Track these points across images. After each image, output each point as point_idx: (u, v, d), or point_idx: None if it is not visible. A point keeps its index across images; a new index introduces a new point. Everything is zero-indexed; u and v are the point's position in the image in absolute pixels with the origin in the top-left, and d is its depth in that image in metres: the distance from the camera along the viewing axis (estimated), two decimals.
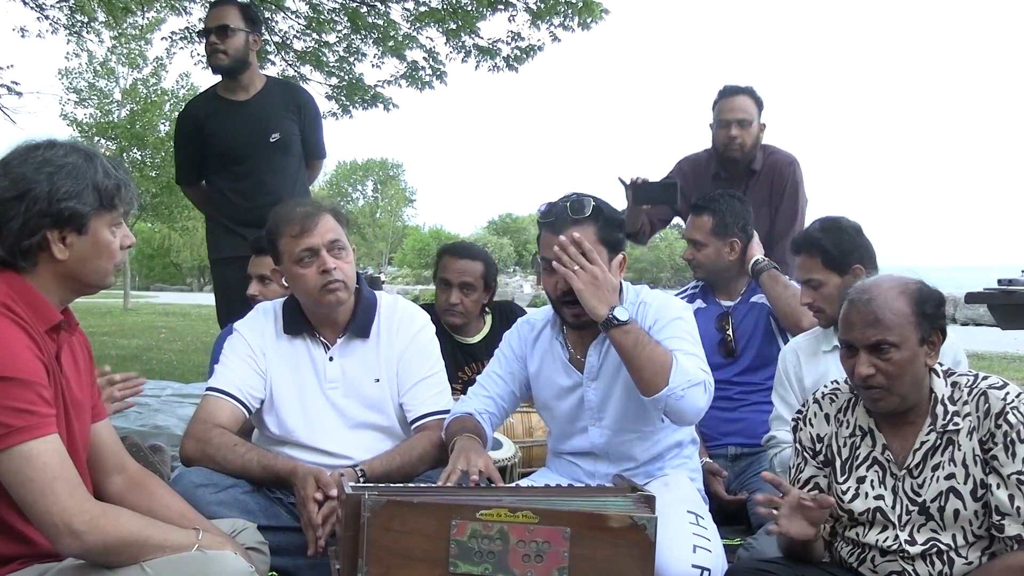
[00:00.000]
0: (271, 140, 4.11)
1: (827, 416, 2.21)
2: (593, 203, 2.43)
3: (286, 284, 2.59)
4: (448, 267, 3.60)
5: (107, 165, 1.86)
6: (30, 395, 1.70)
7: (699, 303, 3.53)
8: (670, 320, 2.45)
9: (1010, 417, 1.99)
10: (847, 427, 2.18)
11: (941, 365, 2.14)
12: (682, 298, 3.46)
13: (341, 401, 2.59)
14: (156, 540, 1.78)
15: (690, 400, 2.27)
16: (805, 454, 2.22)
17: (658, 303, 2.51)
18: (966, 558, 2.03)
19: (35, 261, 1.81)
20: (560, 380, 2.59)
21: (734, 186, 3.81)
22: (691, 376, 2.27)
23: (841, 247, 2.81)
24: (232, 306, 3.84)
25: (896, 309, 2.03)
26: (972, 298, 4.06)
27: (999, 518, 1.99)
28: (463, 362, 3.62)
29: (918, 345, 2.03)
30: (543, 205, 2.50)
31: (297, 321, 2.61)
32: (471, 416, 2.57)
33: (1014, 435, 1.98)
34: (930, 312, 2.05)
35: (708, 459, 3.21)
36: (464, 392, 3.43)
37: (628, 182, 3.61)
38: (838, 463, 2.17)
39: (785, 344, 3.24)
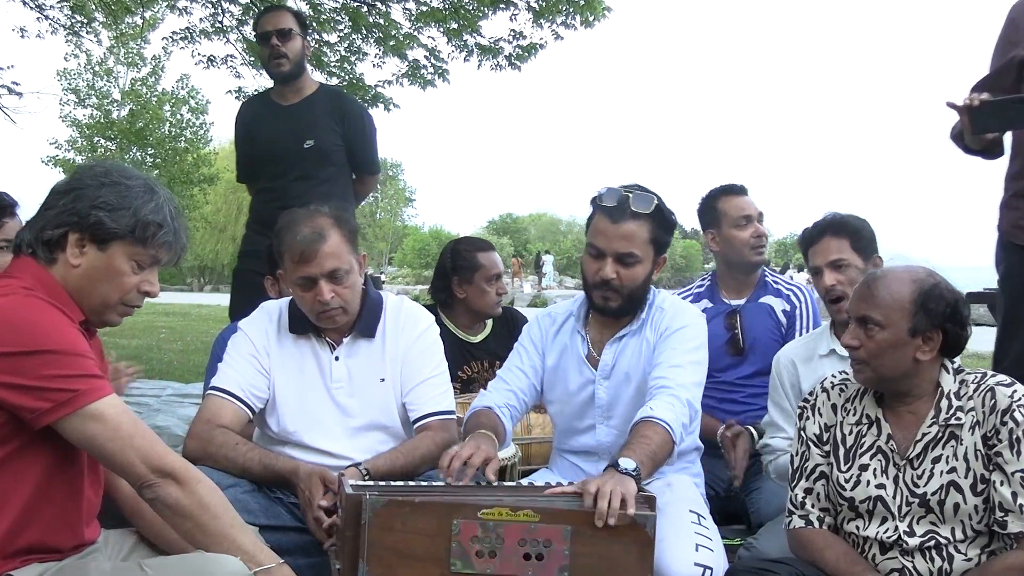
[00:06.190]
0: (304, 146, 4.08)
1: (834, 406, 2.23)
2: (656, 202, 2.45)
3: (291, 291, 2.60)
4: (489, 262, 3.64)
5: (164, 208, 1.89)
6: (83, 362, 1.76)
7: (706, 302, 3.46)
8: (676, 330, 2.48)
9: (1016, 415, 2.00)
10: (854, 414, 2.19)
11: (953, 363, 2.15)
12: (687, 298, 3.43)
13: (346, 401, 2.58)
14: (215, 526, 1.85)
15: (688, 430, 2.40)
16: (810, 442, 2.23)
17: (672, 311, 2.54)
18: (965, 554, 2.04)
19: (53, 258, 1.84)
20: (574, 375, 2.60)
21: None
22: (679, 419, 2.28)
23: (869, 234, 2.90)
24: (239, 303, 3.89)
25: (896, 292, 2.06)
26: (972, 298, 4.03)
27: (1002, 514, 2.00)
28: (464, 361, 3.63)
29: (907, 334, 2.05)
30: (603, 189, 2.49)
31: (303, 321, 2.61)
32: (491, 411, 2.55)
33: (1020, 433, 1.99)
34: (932, 308, 2.05)
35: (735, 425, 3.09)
36: (462, 391, 3.45)
37: (961, 104, 2.69)
38: (841, 452, 2.18)
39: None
